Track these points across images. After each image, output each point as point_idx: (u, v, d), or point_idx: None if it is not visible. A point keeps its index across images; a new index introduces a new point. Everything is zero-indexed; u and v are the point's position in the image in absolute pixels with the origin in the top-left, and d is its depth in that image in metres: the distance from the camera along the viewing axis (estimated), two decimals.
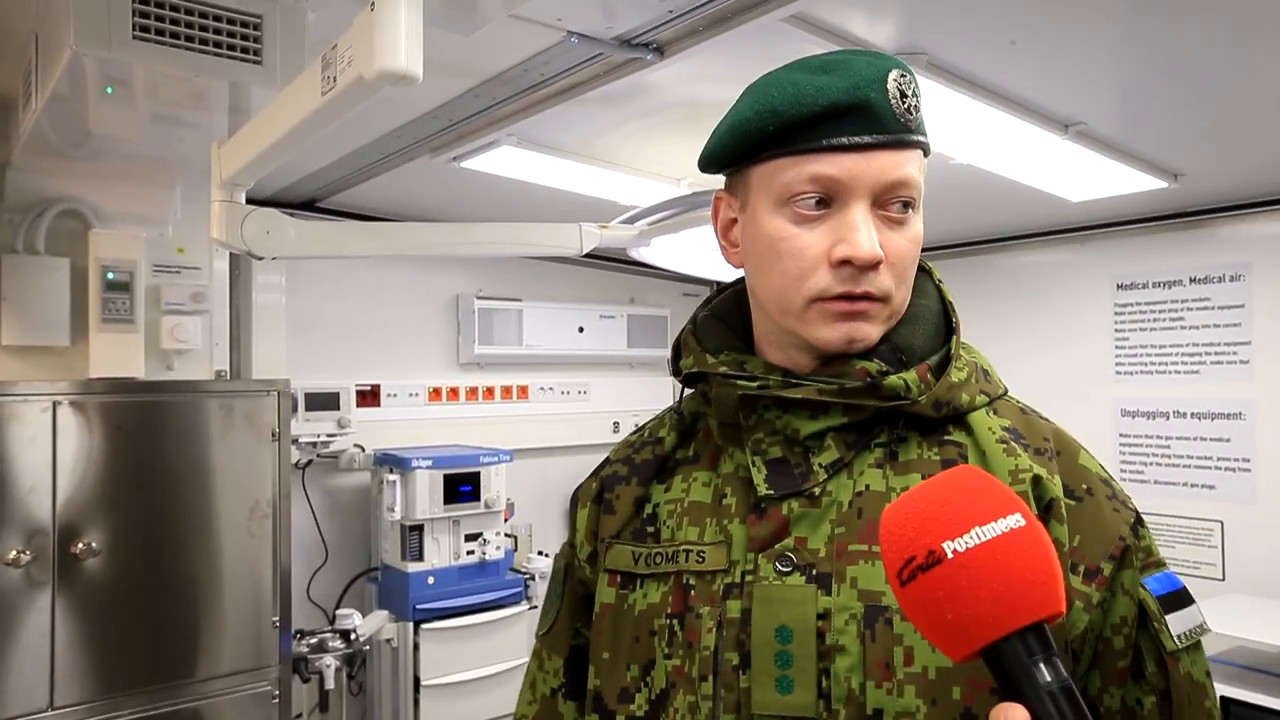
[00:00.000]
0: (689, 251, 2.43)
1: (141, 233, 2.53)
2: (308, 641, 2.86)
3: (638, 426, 1.00)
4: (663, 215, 2.34)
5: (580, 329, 4.10)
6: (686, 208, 2.28)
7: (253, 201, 1.74)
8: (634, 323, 4.29)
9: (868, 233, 0.76)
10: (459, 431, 3.75)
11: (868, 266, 0.76)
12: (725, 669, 0.75)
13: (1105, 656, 0.76)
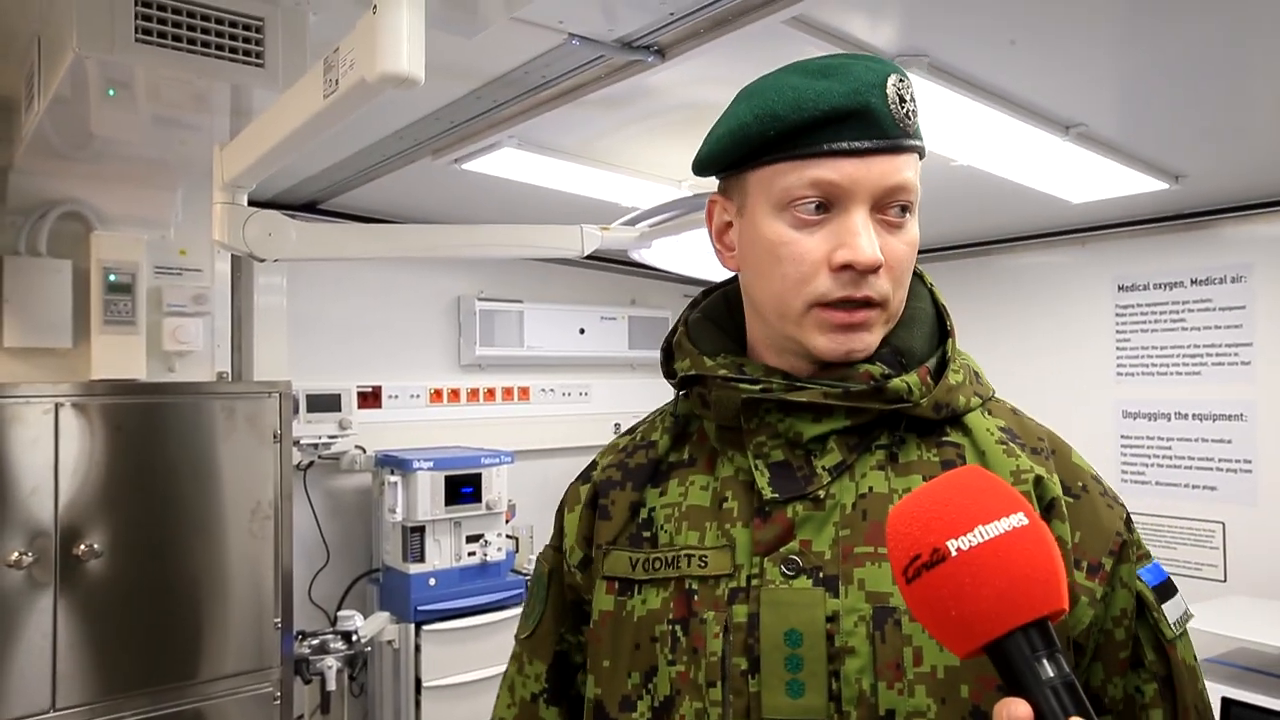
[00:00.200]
0: (690, 253, 2.43)
1: (143, 235, 2.53)
2: (309, 643, 2.87)
3: (626, 429, 0.99)
4: (664, 217, 2.34)
5: (581, 330, 4.11)
6: (687, 209, 2.29)
7: (254, 203, 1.74)
8: (635, 324, 4.29)
9: (868, 237, 0.76)
10: (460, 433, 3.75)
11: (868, 271, 0.76)
12: (734, 674, 0.75)
13: (1107, 648, 0.78)
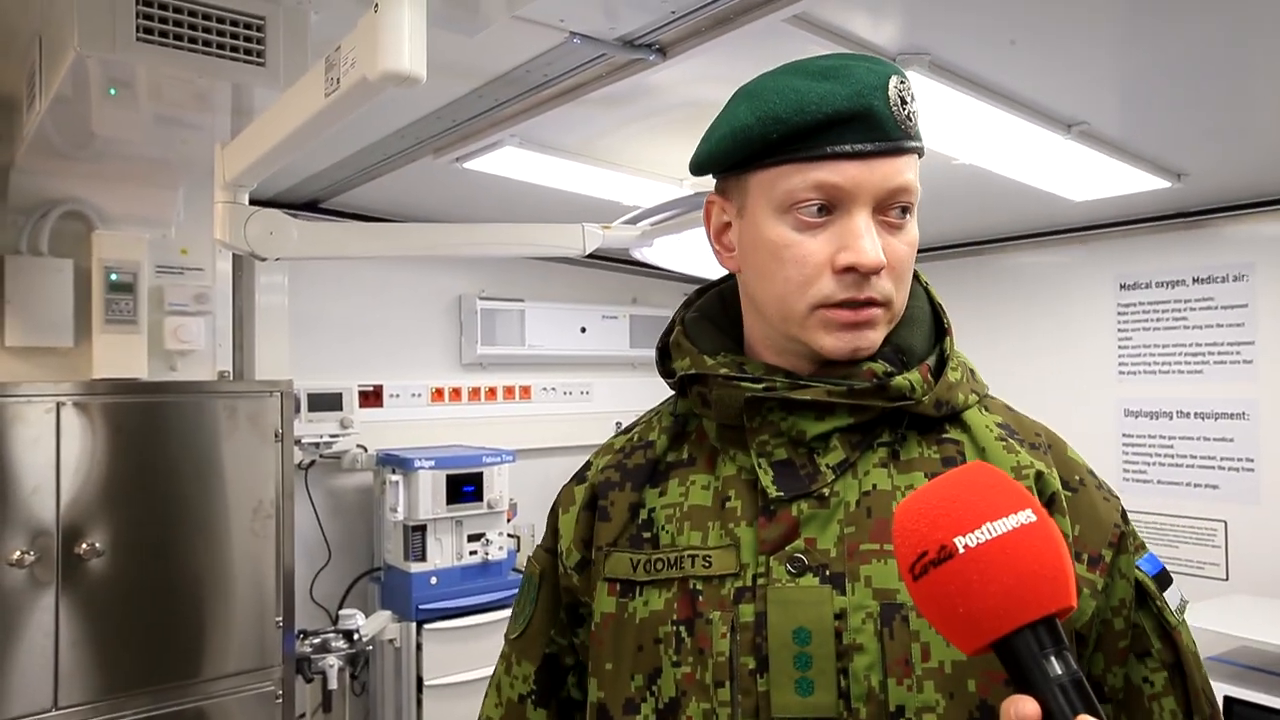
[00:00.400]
0: (691, 252, 2.43)
1: (145, 234, 2.53)
2: (311, 642, 2.87)
3: (622, 430, 0.98)
4: (665, 216, 2.34)
5: (583, 329, 4.11)
6: (689, 208, 2.28)
7: (255, 202, 1.74)
8: (636, 323, 4.29)
9: (871, 239, 0.76)
10: (461, 432, 3.75)
11: (872, 272, 0.77)
12: (741, 673, 0.75)
13: (1107, 638, 0.79)
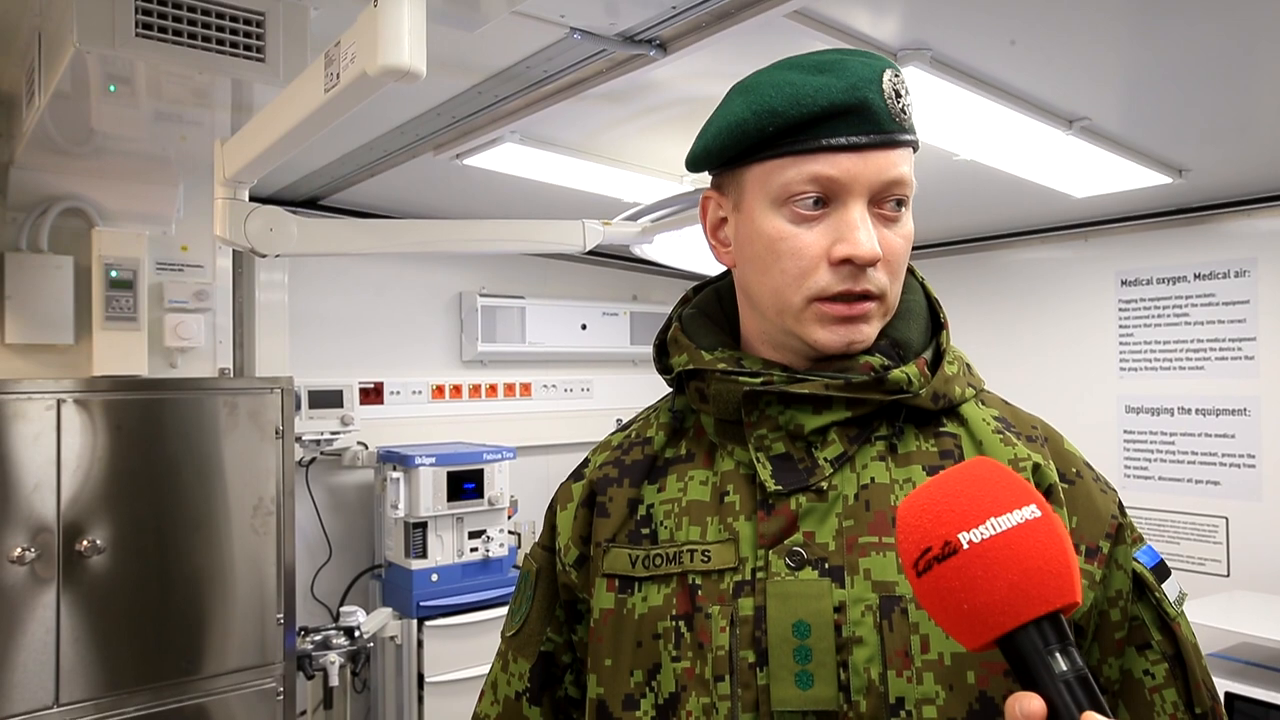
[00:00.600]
0: (692, 248, 2.43)
1: (145, 230, 2.53)
2: (312, 638, 2.87)
3: (619, 427, 0.98)
4: (665, 212, 2.34)
5: (583, 326, 4.11)
6: (689, 204, 2.28)
7: (255, 199, 1.74)
8: (637, 320, 4.29)
9: (867, 232, 0.77)
10: (462, 429, 3.76)
11: (868, 264, 0.77)
12: (741, 667, 0.75)
13: (1104, 629, 0.79)
